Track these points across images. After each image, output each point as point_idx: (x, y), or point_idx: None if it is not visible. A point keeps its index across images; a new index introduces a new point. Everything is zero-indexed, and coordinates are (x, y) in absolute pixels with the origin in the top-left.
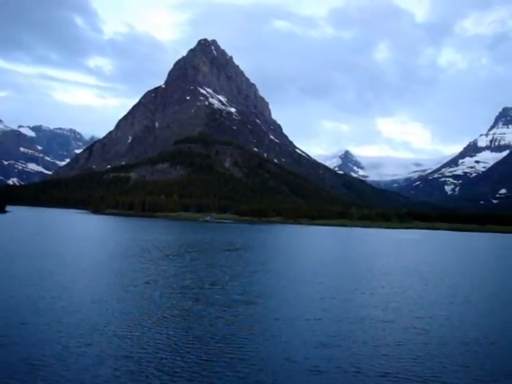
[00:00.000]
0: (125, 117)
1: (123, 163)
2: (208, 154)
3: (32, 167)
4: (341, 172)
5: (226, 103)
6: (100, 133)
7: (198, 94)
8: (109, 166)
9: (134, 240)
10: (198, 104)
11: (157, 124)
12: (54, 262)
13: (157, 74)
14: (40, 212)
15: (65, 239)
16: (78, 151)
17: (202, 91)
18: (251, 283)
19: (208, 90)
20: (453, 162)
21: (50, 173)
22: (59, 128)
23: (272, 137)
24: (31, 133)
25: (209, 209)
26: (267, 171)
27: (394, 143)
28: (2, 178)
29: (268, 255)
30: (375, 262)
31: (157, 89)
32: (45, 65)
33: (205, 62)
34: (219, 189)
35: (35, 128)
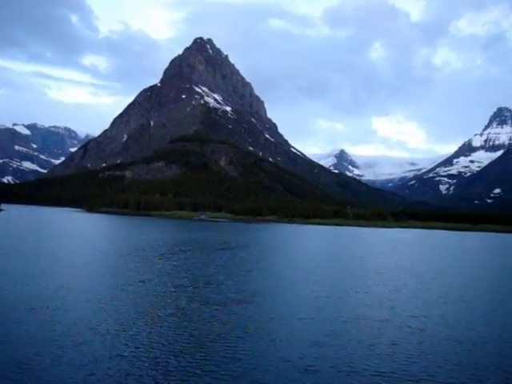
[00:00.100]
0: (120, 115)
1: (118, 162)
2: (203, 153)
3: (27, 165)
4: (336, 171)
5: (222, 102)
6: (95, 131)
7: (194, 93)
8: (104, 165)
9: (129, 239)
10: (194, 103)
11: (152, 122)
12: (48, 261)
13: (152, 73)
14: (34, 210)
15: (59, 238)
16: (73, 149)
17: (198, 90)
18: (246, 282)
19: (203, 89)
20: (448, 162)
21: (45, 171)
22: (54, 126)
23: (267, 136)
24: (26, 131)
25: (204, 207)
26: (262, 170)
27: (389, 142)
28: None
29: (263, 254)
30: (370, 261)
31: (152, 87)
32: (40, 63)
33: (200, 61)
34: (214, 187)
35: (30, 126)
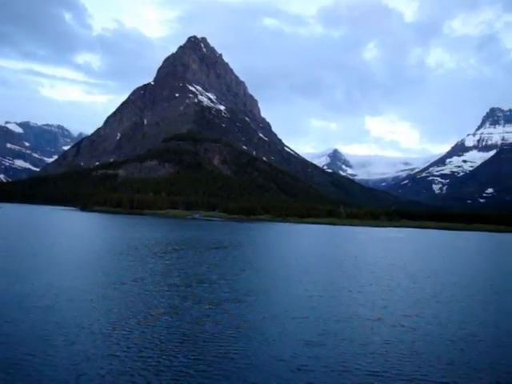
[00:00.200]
0: (113, 113)
1: (111, 160)
2: (197, 152)
3: (19, 164)
4: (329, 170)
5: (215, 101)
6: (88, 129)
7: (187, 92)
8: (97, 163)
9: (122, 237)
10: (187, 101)
11: (145, 121)
12: (40, 260)
13: (146, 71)
14: (27, 209)
15: (51, 236)
16: (66, 148)
17: (191, 88)
18: (239, 281)
19: (197, 88)
20: (440, 162)
21: (38, 169)
22: (47, 124)
23: (261, 135)
24: (18, 129)
25: (197, 206)
26: (256, 169)
27: (383, 142)
28: None
29: (256, 253)
30: (363, 261)
31: (146, 86)
32: (33, 60)
33: (194, 60)
34: (208, 186)
35: (23, 124)
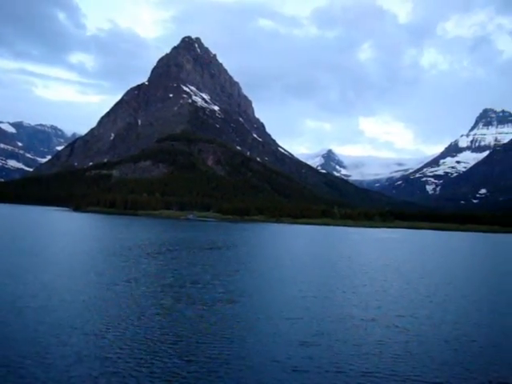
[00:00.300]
0: (107, 114)
1: (105, 160)
2: (191, 152)
3: (12, 164)
4: (323, 171)
5: (210, 101)
6: (82, 130)
7: (181, 92)
8: (91, 164)
9: (115, 238)
10: (181, 102)
11: (139, 121)
12: (33, 261)
13: (140, 71)
14: (20, 209)
15: (44, 237)
16: (60, 148)
17: (186, 89)
18: (233, 282)
19: (191, 88)
20: (434, 162)
21: (31, 170)
22: (40, 124)
23: (255, 135)
24: (11, 129)
25: (191, 207)
26: (250, 170)
27: (377, 143)
28: None
29: (250, 254)
30: (357, 261)
31: (140, 86)
32: (26, 60)
33: (188, 60)
34: (202, 187)
35: (16, 124)
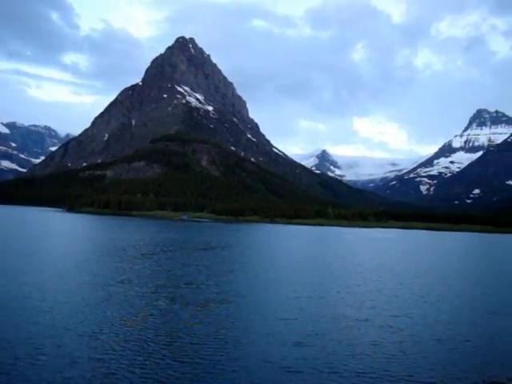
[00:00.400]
0: (101, 114)
1: (99, 161)
2: (185, 153)
3: (6, 164)
4: (317, 171)
5: (204, 101)
6: (76, 130)
7: (175, 92)
8: (84, 164)
9: (109, 239)
10: (175, 102)
11: (133, 122)
12: (26, 261)
13: (134, 72)
14: (13, 210)
15: (38, 238)
16: (53, 149)
17: (180, 89)
18: (227, 282)
19: (185, 88)
20: (428, 163)
21: (25, 170)
22: (34, 125)
23: (249, 135)
24: (5, 129)
25: (185, 207)
26: (244, 170)
27: (371, 143)
28: None
29: (244, 254)
30: (351, 261)
31: (134, 86)
32: (19, 60)
33: (182, 60)
34: (196, 187)
35: (9, 125)
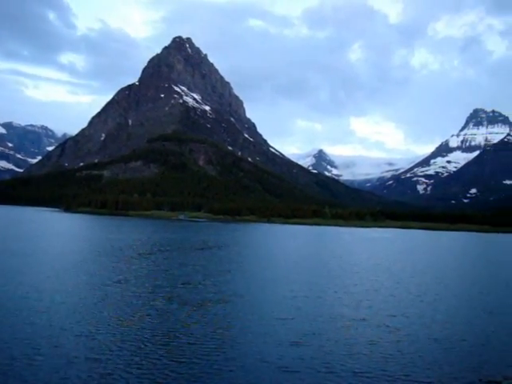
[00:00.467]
0: (98, 114)
1: (96, 161)
2: (182, 152)
3: (2, 165)
4: (314, 171)
5: (201, 101)
6: (72, 130)
7: (172, 92)
8: (81, 164)
9: (106, 239)
10: (172, 102)
11: (130, 121)
12: (23, 262)
13: (130, 71)
14: (10, 210)
15: (34, 238)
16: (50, 148)
17: (176, 89)
18: (224, 282)
19: (182, 88)
20: (425, 162)
21: (21, 170)
22: (31, 125)
23: (246, 135)
24: (2, 129)
25: (182, 207)
26: (241, 170)
27: (367, 143)
28: None
29: (241, 254)
30: (348, 261)
31: (130, 86)
32: (16, 60)
33: (179, 60)
34: (193, 187)
35: (6, 125)
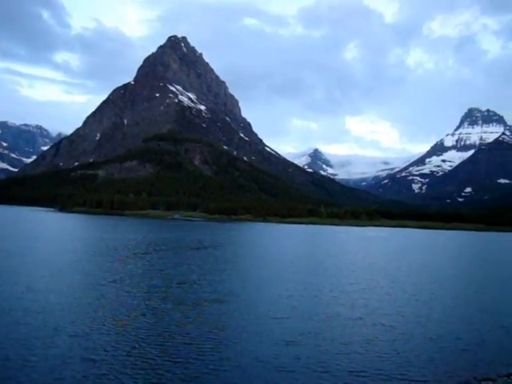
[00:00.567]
0: (93, 113)
1: (91, 160)
2: (177, 152)
3: None
4: (310, 170)
5: (196, 101)
6: (67, 129)
7: (168, 91)
8: (76, 164)
9: (101, 238)
10: (168, 101)
11: (125, 121)
12: (18, 262)
13: (126, 71)
14: (5, 210)
15: (29, 238)
16: (45, 148)
17: (172, 88)
18: (220, 282)
19: (177, 87)
20: (420, 161)
21: (16, 170)
22: (25, 124)
23: (242, 135)
24: None
25: (178, 207)
26: (237, 169)
27: (363, 142)
28: None
29: (237, 253)
30: (344, 260)
31: (126, 85)
32: (11, 59)
33: (174, 59)
34: (188, 187)
35: (0, 124)
